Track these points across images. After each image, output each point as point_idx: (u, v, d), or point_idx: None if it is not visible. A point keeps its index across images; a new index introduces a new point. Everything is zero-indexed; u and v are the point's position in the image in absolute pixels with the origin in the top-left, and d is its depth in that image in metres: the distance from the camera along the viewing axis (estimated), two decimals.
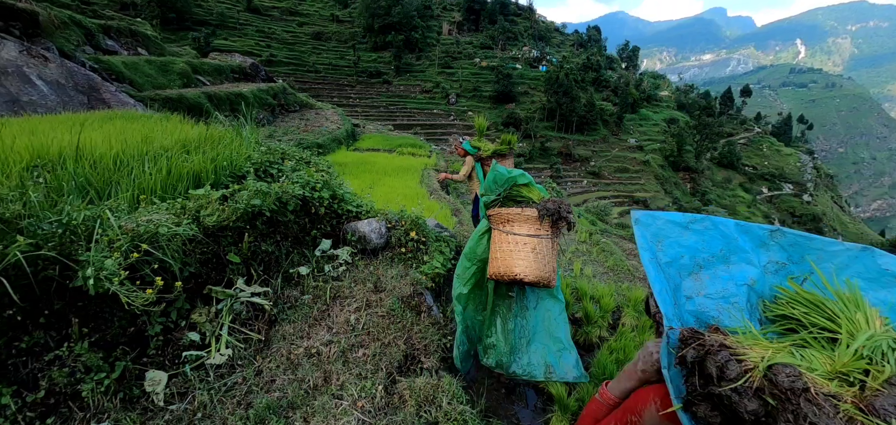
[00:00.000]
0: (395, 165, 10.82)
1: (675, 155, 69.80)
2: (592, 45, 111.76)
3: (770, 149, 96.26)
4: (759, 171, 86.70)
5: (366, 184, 8.43)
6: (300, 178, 2.98)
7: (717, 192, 72.76)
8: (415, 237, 3.28)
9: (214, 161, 2.69)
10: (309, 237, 2.93)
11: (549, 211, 2.23)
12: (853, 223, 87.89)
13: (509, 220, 2.29)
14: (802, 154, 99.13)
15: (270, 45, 59.78)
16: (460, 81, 67.75)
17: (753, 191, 78.58)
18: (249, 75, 21.49)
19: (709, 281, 1.23)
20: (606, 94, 79.21)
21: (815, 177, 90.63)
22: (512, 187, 2.39)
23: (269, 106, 16.82)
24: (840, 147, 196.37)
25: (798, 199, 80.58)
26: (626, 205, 52.67)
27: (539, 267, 2.20)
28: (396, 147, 15.54)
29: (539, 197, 2.39)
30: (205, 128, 3.58)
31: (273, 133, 12.92)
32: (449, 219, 6.57)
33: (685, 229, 1.27)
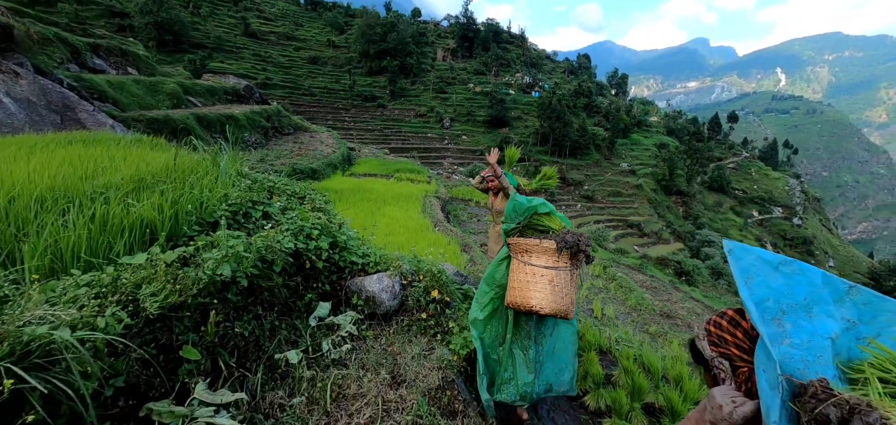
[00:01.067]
0: (394, 192, 10.15)
1: (666, 179, 70.31)
2: (583, 72, 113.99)
3: (758, 173, 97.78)
4: (748, 195, 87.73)
5: (365, 215, 7.73)
6: (292, 224, 2.29)
7: (709, 216, 73.15)
8: (437, 297, 2.58)
9: (176, 204, 1.98)
10: (302, 302, 2.22)
11: (568, 243, 2.18)
12: (843, 246, 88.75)
13: (527, 250, 2.26)
14: (790, 178, 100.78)
15: (266, 69, 59.71)
16: (454, 106, 68.13)
17: (744, 215, 79.20)
18: (243, 97, 20.93)
19: (793, 329, 1.08)
20: (598, 120, 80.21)
21: (803, 200, 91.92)
22: (532, 216, 2.37)
23: (262, 128, 16.18)
24: (824, 171, 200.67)
25: (788, 223, 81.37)
26: (620, 228, 52.49)
27: (556, 299, 2.18)
28: (394, 172, 14.93)
29: (560, 227, 2.35)
30: (174, 155, 2.87)
31: (265, 156, 12.26)
32: (458, 256, 5.89)
33: (775, 270, 1.11)
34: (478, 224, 13.21)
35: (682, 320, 8.84)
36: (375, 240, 4.78)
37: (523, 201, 2.40)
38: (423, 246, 6.14)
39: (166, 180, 2.32)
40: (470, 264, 5.52)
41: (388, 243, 6.15)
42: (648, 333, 6.23)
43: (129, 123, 10.82)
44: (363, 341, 2.25)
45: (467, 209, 15.06)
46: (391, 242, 6.18)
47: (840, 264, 74.60)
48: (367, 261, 2.67)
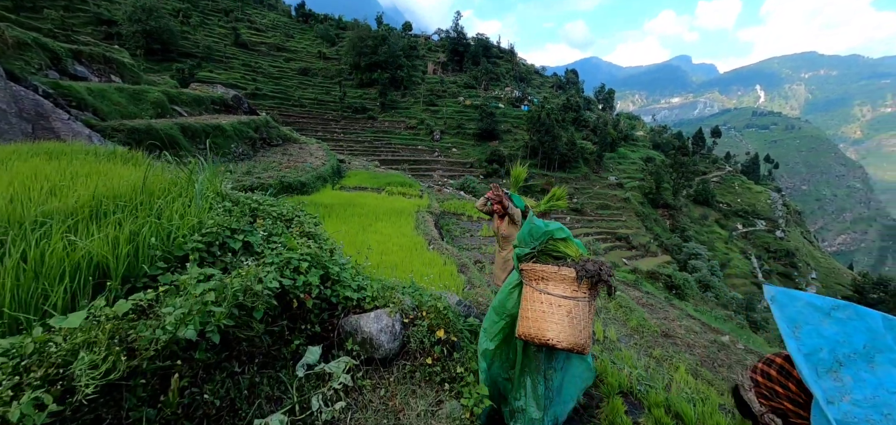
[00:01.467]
0: (386, 207, 9.82)
1: (653, 192, 71.23)
2: (571, 86, 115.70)
3: (741, 186, 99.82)
4: (732, 208, 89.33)
5: (356, 231, 7.38)
6: (277, 256, 1.97)
7: (695, 229, 74.17)
8: (443, 337, 2.28)
9: (136, 237, 1.65)
10: (288, 349, 1.89)
11: (589, 272, 2.03)
12: (824, 258, 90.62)
13: (544, 278, 2.10)
14: (772, 191, 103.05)
15: (256, 79, 59.17)
16: (444, 118, 68.30)
17: (729, 228, 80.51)
18: (231, 107, 20.46)
19: (853, 383, 1.04)
20: (586, 134, 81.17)
21: (785, 213, 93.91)
22: (548, 241, 2.23)
23: (249, 139, 15.74)
24: (803, 185, 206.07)
25: (771, 235, 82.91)
26: (609, 241, 52.77)
27: (574, 332, 2.02)
28: (385, 185, 14.59)
29: (577, 254, 2.19)
30: (144, 173, 2.52)
31: (252, 168, 11.84)
32: (456, 277, 5.58)
33: (826, 316, 1.08)
34: (471, 239, 12.93)
35: (682, 339, 8.64)
36: (370, 265, 4.45)
37: (540, 225, 2.25)
38: (418, 266, 5.83)
39: (130, 204, 1.98)
40: (469, 286, 5.22)
41: (382, 263, 5.82)
42: (653, 357, 5.99)
43: (109, 133, 10.34)
44: (360, 393, 1.93)
45: (459, 224, 14.78)
46: (384, 262, 5.85)
47: (822, 276, 76.06)
48: (363, 296, 2.36)
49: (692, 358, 7.72)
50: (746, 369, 1.24)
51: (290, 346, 1.88)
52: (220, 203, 2.45)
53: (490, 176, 58.00)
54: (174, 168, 2.94)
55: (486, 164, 59.60)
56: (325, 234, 3.09)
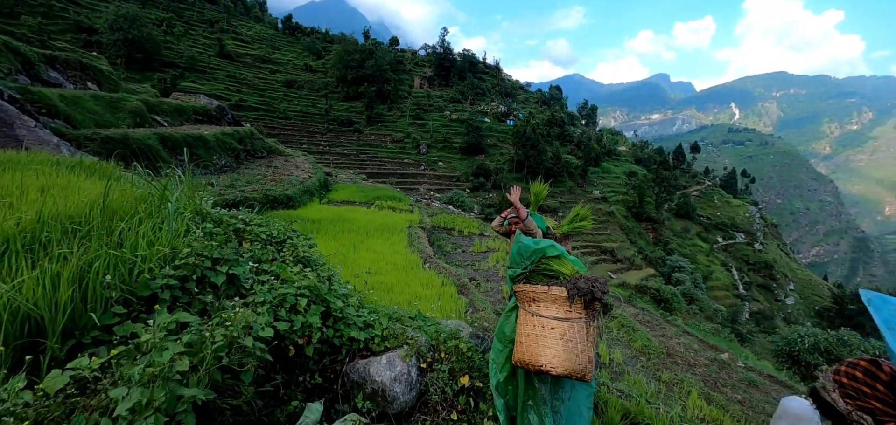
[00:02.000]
0: (377, 223, 9.41)
1: (637, 206, 72.37)
2: (555, 102, 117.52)
3: (720, 200, 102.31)
4: (713, 221, 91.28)
5: (348, 249, 6.96)
6: (269, 292, 1.60)
7: (678, 242, 75.42)
8: (467, 384, 1.92)
9: (85, 275, 1.26)
10: (283, 411, 1.51)
11: (580, 290, 1.91)
12: (801, 269, 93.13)
13: (535, 299, 2.01)
14: (750, 205, 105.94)
15: (241, 90, 58.23)
16: (431, 132, 68.36)
17: (710, 240, 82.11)
18: (214, 118, 19.82)
19: None
20: (570, 148, 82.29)
21: (762, 226, 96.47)
22: (540, 260, 2.12)
23: (233, 151, 15.16)
24: (778, 199, 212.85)
25: (750, 248, 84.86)
26: (595, 254, 53.13)
27: (570, 357, 1.89)
28: (374, 200, 14.17)
29: (572, 271, 2.07)
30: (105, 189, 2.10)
31: (235, 181, 11.29)
32: (457, 300, 5.22)
33: None
34: (463, 255, 12.58)
35: (682, 358, 8.41)
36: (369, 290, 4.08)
37: (529, 243, 2.15)
38: (416, 288, 5.45)
39: (84, 229, 1.58)
40: (471, 310, 4.86)
41: (377, 284, 5.42)
42: (662, 381, 5.71)
43: (81, 142, 9.73)
44: None
45: (451, 239, 14.42)
46: (380, 284, 5.45)
47: (800, 287, 78.04)
48: (372, 335, 1.98)
49: (695, 378, 7.48)
50: (827, 372, 1.23)
51: (286, 407, 1.50)
52: (200, 224, 2.06)
53: (476, 190, 58.03)
54: (145, 181, 2.53)
55: (473, 178, 59.67)
56: (321, 259, 2.72)
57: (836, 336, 11.58)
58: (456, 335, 2.27)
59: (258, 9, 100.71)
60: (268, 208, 9.38)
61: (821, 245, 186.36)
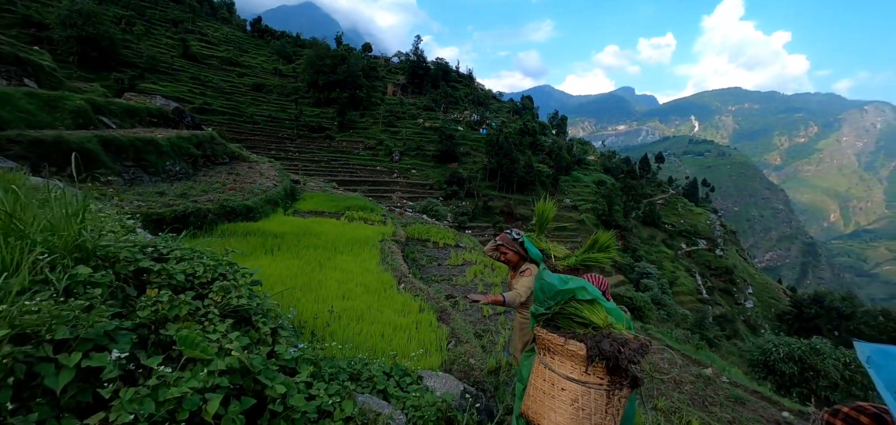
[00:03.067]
0: (346, 236, 8.68)
1: (606, 214, 74.14)
2: (527, 112, 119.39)
3: (683, 208, 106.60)
4: (677, 228, 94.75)
5: (313, 268, 6.23)
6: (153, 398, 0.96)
7: (645, 249, 77.69)
8: None
9: None
10: None
11: (603, 352, 1.55)
12: (758, 274, 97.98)
13: (550, 350, 1.71)
14: (710, 212, 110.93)
15: (205, 93, 55.62)
16: (404, 140, 67.69)
17: (674, 247, 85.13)
18: (171, 120, 18.43)
19: None
20: (542, 157, 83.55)
21: (722, 233, 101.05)
22: (567, 302, 1.76)
23: (190, 156, 13.97)
24: (734, 206, 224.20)
25: (712, 254, 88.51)
26: None
27: None
28: (344, 209, 13.37)
29: (604, 322, 1.70)
30: None
31: (189, 190, 10.26)
32: (436, 329, 4.61)
33: None
34: (439, 268, 11.99)
35: (668, 375, 8.13)
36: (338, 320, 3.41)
37: (554, 282, 1.79)
38: (389, 314, 4.81)
39: None
40: (453, 342, 4.27)
41: (345, 311, 4.74)
42: (659, 410, 5.30)
43: (3, 145, 8.53)
44: None
45: (426, 251, 13.81)
46: (348, 310, 4.78)
47: (758, 291, 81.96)
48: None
49: (683, 397, 7.18)
50: (819, 414, 1.18)
51: None
52: (68, 269, 1.37)
53: (450, 198, 57.67)
54: None
55: (446, 186, 59.32)
56: (266, 302, 2.07)
57: (809, 345, 11.72)
58: (445, 407, 1.68)
59: (226, 10, 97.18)
60: (224, 220, 8.48)
61: (774, 250, 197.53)
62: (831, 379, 11.25)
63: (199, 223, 7.84)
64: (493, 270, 12.07)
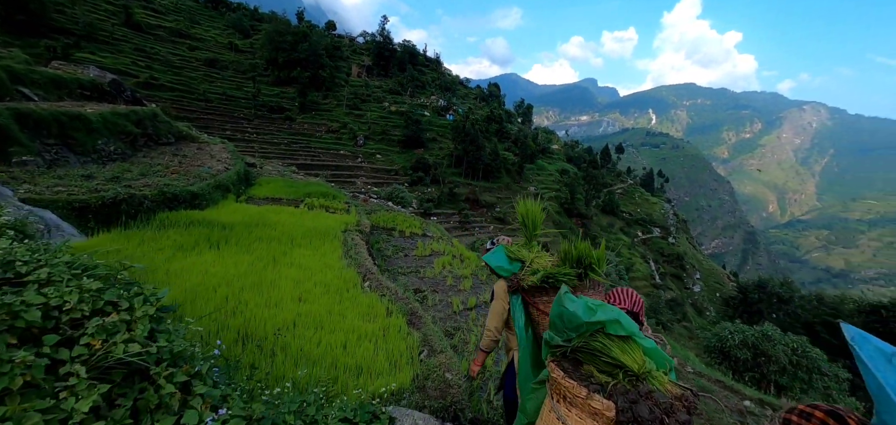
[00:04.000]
0: (305, 226, 7.96)
1: (569, 202, 76.08)
2: (493, 99, 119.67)
3: (640, 198, 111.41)
4: (634, 217, 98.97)
5: (265, 265, 5.55)
6: None
7: (604, 236, 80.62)
8: None
9: None
10: None
11: (640, 419, 1.19)
12: (705, 260, 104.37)
13: (567, 399, 1.35)
14: (664, 202, 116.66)
15: (152, 66, 51.24)
16: (369, 123, 65.93)
17: (631, 234, 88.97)
18: (108, 94, 16.58)
19: None
20: (508, 145, 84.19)
21: (675, 222, 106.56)
22: (592, 336, 1.39)
23: (128, 135, 12.52)
24: (686, 196, 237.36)
25: (665, 241, 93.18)
26: None
27: None
28: (304, 196, 12.49)
29: (641, 367, 1.33)
30: None
31: (123, 173, 9.07)
32: (407, 336, 4.12)
33: (888, 362, 1.10)
34: (406, 259, 11.48)
35: None
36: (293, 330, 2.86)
37: (578, 311, 1.40)
38: (353, 320, 4.26)
39: None
40: (426, 352, 3.81)
41: (301, 318, 4.16)
42: None
43: None
44: None
45: (392, 241, 13.23)
46: (305, 315, 4.20)
47: (705, 276, 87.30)
48: None
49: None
50: (775, 416, 1.20)
51: None
52: None
53: (416, 184, 56.84)
54: None
55: (412, 172, 58.44)
56: (177, 341, 1.50)
57: (761, 331, 12.27)
58: None
59: None
60: (164, 208, 7.52)
61: (719, 238, 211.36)
62: (781, 363, 11.84)
63: (133, 212, 6.88)
64: (462, 261, 11.70)
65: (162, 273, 4.87)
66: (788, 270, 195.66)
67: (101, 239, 5.75)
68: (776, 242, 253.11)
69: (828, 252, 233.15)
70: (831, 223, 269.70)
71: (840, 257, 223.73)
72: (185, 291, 4.45)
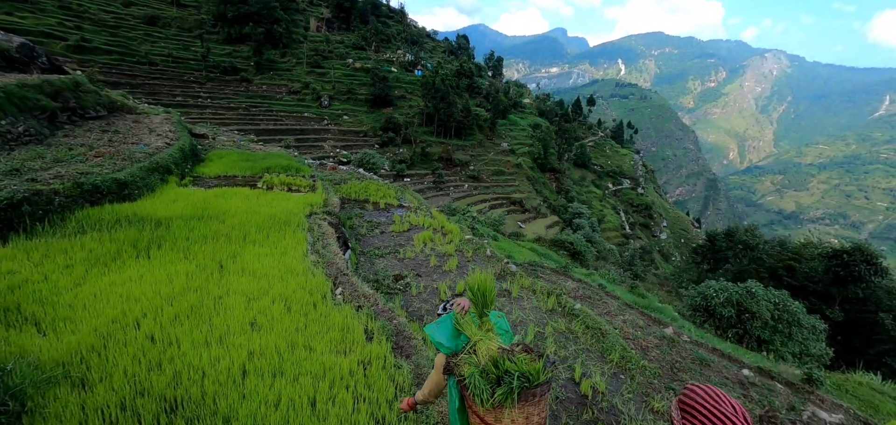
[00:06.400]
0: (262, 214, 6.74)
1: (541, 157, 75.95)
2: (462, 53, 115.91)
3: (611, 150, 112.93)
4: (605, 169, 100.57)
5: (206, 278, 4.42)
6: None
7: (577, 190, 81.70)
8: None
9: None
10: None
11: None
12: (672, 209, 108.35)
13: None
14: (634, 153, 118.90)
15: (82, 27, 45.64)
16: (333, 82, 62.38)
17: (602, 187, 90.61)
18: (17, 62, 14.07)
19: None
20: (479, 101, 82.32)
21: (644, 172, 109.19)
22: None
23: (43, 111, 10.53)
24: (653, 147, 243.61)
25: (634, 192, 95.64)
26: (505, 206, 54.59)
27: None
28: (262, 171, 11.05)
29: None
30: None
31: (31, 161, 7.40)
32: (392, 371, 3.20)
33: None
34: (382, 237, 10.47)
35: (633, 340, 7.62)
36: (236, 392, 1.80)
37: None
38: (322, 352, 3.28)
39: None
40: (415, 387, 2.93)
41: (253, 356, 3.15)
42: (655, 411, 4.50)
43: None
44: None
45: (365, 216, 12.12)
46: (260, 353, 3.18)
47: (671, 223, 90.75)
48: None
49: (652, 366, 6.65)
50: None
51: None
52: None
53: (386, 145, 54.79)
54: None
55: (382, 133, 56.23)
56: None
57: (745, 288, 12.21)
58: None
59: None
60: (83, 203, 6.11)
61: (683, 185, 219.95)
62: (764, 319, 11.87)
63: (41, 214, 5.48)
64: (444, 236, 10.81)
65: (64, 305, 3.69)
66: (745, 214, 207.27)
67: None
68: (735, 188, 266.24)
69: (781, 195, 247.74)
70: (786, 168, 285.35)
71: (791, 200, 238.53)
72: (94, 332, 3.32)
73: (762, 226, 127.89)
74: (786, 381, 7.69)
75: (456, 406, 1.87)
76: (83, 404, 2.65)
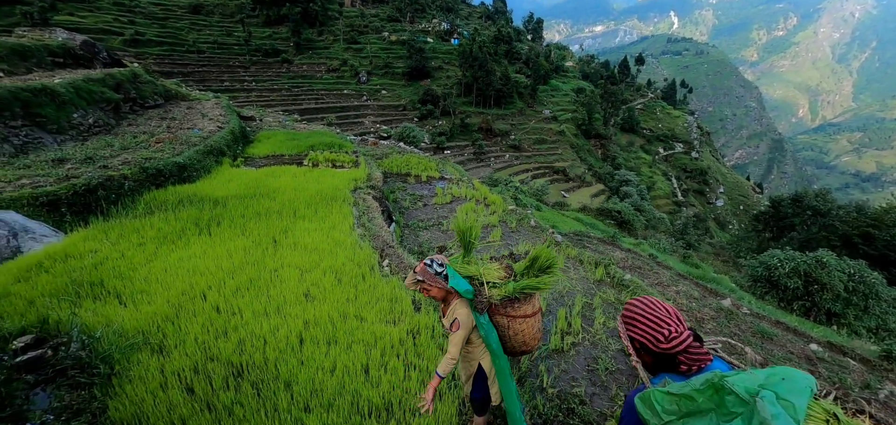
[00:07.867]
0: (310, 191, 6.99)
1: (586, 123, 72.75)
2: (499, 17, 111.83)
3: (662, 112, 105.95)
4: (654, 133, 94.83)
5: (262, 251, 4.66)
6: None
7: (624, 156, 77.85)
8: None
9: None
10: None
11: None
12: (729, 172, 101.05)
13: None
14: (687, 115, 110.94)
15: (135, 21, 48.57)
16: (370, 57, 62.59)
17: (652, 152, 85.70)
18: (82, 58, 15.25)
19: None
20: (519, 67, 79.70)
21: (699, 135, 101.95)
22: None
23: (107, 103, 11.41)
24: (709, 106, 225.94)
25: (688, 156, 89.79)
26: (548, 175, 53.20)
27: None
28: (307, 150, 11.42)
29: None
30: None
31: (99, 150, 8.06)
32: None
33: None
34: (425, 210, 10.56)
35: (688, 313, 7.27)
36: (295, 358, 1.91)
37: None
38: (372, 322, 3.39)
39: None
40: None
41: (308, 326, 3.30)
42: None
43: None
44: None
45: (407, 189, 12.25)
46: (314, 322, 3.33)
47: (728, 190, 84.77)
48: None
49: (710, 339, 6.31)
50: None
51: None
52: None
53: (425, 118, 54.68)
54: None
55: (420, 106, 56.07)
56: None
57: (815, 258, 11.21)
58: None
59: None
60: (150, 187, 6.61)
61: (744, 147, 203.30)
62: (836, 291, 10.88)
63: (114, 197, 5.99)
64: (487, 207, 10.74)
65: (140, 279, 4.04)
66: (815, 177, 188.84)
67: (76, 237, 4.93)
68: (804, 148, 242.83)
69: (859, 155, 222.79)
70: (866, 124, 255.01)
71: (872, 159, 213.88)
72: (167, 304, 3.62)
73: (835, 190, 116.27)
74: (860, 358, 7.08)
75: (496, 336, 2.24)
76: (162, 367, 2.91)
